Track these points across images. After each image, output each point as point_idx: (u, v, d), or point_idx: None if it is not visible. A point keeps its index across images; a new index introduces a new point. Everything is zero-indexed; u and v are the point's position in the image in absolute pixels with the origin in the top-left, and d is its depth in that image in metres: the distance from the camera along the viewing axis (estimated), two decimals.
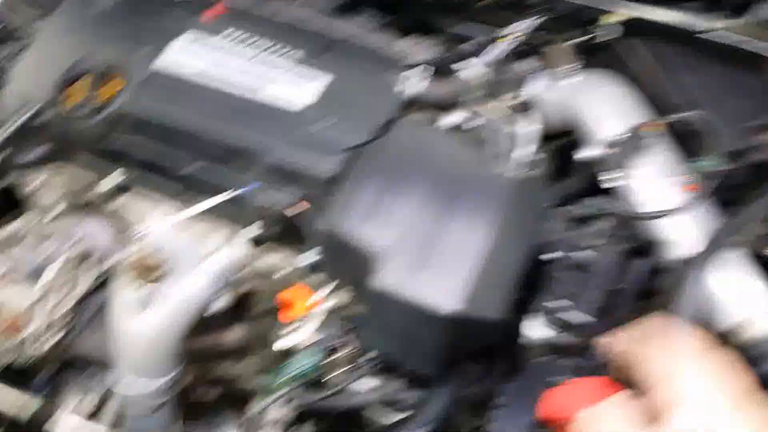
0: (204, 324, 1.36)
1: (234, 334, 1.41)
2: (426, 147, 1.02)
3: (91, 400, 1.37)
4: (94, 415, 1.38)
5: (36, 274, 1.11)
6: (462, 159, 1.02)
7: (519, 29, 1.22)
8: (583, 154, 1.14)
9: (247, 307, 1.32)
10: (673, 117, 1.14)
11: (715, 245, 0.93)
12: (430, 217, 0.94)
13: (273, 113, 1.07)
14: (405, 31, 1.26)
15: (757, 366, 1.06)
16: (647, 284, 1.11)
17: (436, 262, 0.91)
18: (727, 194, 1.07)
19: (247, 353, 1.48)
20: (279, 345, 1.05)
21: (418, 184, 0.97)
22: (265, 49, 1.15)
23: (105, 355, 1.33)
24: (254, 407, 1.13)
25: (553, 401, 0.82)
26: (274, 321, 1.31)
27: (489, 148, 1.05)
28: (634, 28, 1.26)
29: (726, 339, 1.06)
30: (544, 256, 0.98)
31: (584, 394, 0.81)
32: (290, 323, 1.03)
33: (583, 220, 1.07)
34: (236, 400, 1.55)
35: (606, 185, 1.09)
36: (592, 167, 1.15)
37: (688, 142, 1.13)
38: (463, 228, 0.93)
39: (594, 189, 1.19)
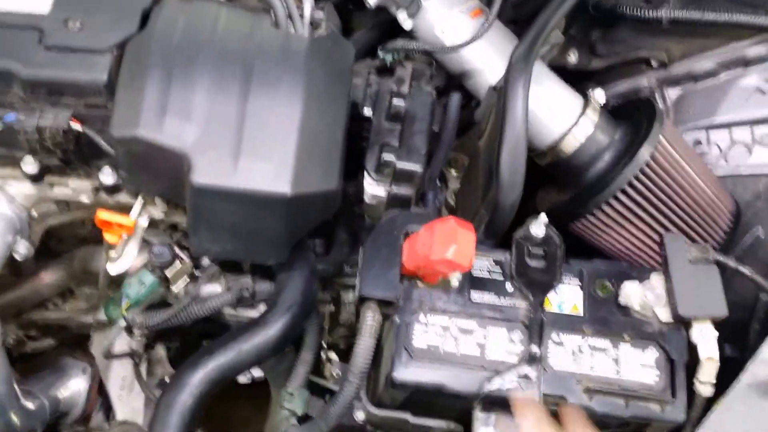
0: (16, 273, 1.21)
1: (50, 276, 1.27)
2: (202, 23, 0.90)
3: None
4: None
5: None
6: (246, 28, 0.90)
7: None
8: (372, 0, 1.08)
9: (57, 244, 1.19)
10: None
11: (520, 63, 0.94)
12: (232, 98, 0.85)
13: (17, 20, 0.89)
14: None
15: (582, 176, 1.11)
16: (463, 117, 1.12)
17: (254, 145, 0.83)
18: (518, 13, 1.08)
19: (72, 292, 1.36)
20: (113, 269, 0.95)
21: (205, 64, 0.85)
22: None
23: None
24: (102, 342, 1.03)
25: (415, 249, 0.82)
26: (91, 251, 1.20)
27: (273, 11, 0.95)
28: None
29: (553, 155, 1.10)
30: (363, 113, 0.94)
31: (441, 236, 0.81)
32: (119, 244, 0.92)
33: (390, 70, 1.03)
34: (76, 343, 1.44)
35: (405, 26, 1.05)
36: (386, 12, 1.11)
37: None
38: (270, 102, 0.85)
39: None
